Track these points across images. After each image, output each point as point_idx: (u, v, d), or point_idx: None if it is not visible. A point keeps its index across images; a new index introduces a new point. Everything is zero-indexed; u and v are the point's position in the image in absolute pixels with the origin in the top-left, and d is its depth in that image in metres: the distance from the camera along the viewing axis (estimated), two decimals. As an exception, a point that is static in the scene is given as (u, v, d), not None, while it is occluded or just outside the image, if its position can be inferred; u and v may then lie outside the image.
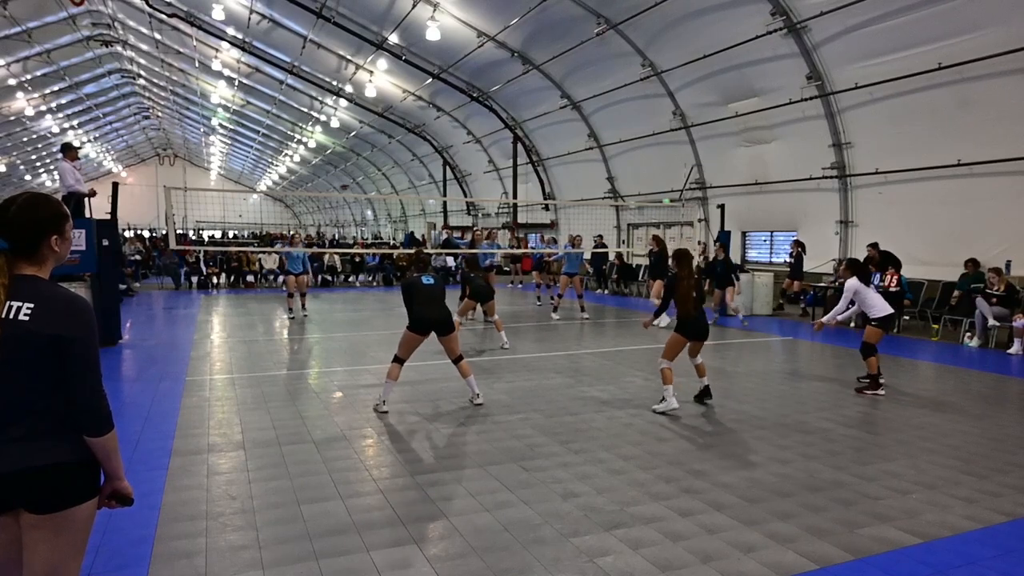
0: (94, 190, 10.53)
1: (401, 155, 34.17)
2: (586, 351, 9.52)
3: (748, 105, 15.31)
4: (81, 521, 2.02)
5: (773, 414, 6.22)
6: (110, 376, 7.90)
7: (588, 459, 4.87)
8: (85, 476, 2.02)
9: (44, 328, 1.91)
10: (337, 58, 23.42)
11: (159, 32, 25.34)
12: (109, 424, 2.02)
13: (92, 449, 2.02)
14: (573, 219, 23.24)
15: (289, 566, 3.28)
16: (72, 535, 2.01)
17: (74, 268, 9.74)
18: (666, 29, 15.23)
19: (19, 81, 25.72)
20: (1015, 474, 4.66)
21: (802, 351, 10.02)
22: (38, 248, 2.01)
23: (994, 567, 3.35)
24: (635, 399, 6.73)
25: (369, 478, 4.48)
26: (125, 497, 2.18)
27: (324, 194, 51.69)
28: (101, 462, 2.07)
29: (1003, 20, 10.36)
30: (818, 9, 12.28)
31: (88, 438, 2.00)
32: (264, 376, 7.77)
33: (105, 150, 47.03)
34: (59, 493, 1.96)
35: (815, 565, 3.32)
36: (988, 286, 10.37)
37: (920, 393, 7.24)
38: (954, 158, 11.66)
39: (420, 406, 6.39)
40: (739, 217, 16.66)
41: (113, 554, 3.41)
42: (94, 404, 1.99)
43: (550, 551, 3.44)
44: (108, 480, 2.13)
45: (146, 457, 4.89)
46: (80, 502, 2.00)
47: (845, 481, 4.48)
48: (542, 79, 19.95)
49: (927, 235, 12.43)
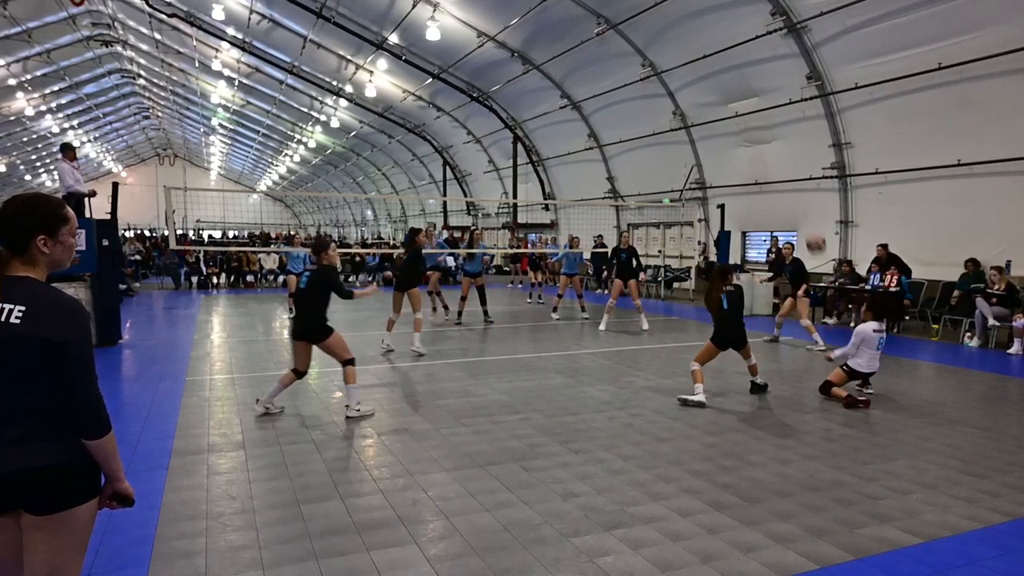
0: (94, 190, 10.53)
1: (401, 155, 34.16)
2: (586, 351, 9.52)
3: (748, 105, 15.30)
4: (81, 522, 2.02)
5: (773, 414, 6.22)
6: (110, 376, 7.90)
7: (588, 459, 4.87)
8: (85, 477, 2.02)
9: (36, 331, 1.89)
10: (337, 58, 23.41)
11: (159, 32, 25.34)
12: (107, 426, 2.01)
13: (91, 451, 2.01)
14: (573, 219, 23.24)
15: (289, 566, 3.28)
16: (72, 536, 2.00)
17: (74, 268, 9.74)
18: (666, 29, 15.22)
19: (19, 81, 25.72)
20: (1015, 474, 4.66)
21: (802, 351, 10.02)
22: (26, 248, 1.99)
23: (994, 567, 3.35)
24: (635, 399, 6.72)
25: (369, 478, 4.48)
26: (126, 498, 2.17)
27: (324, 194, 51.68)
28: (100, 464, 2.06)
29: (1003, 20, 10.36)
30: (818, 9, 12.27)
31: (86, 441, 1.98)
32: (264, 376, 7.77)
33: (105, 150, 47.02)
34: (59, 494, 1.95)
35: (815, 565, 3.32)
36: (989, 285, 10.37)
37: (920, 393, 7.24)
38: (954, 158, 11.66)
39: (420, 406, 6.39)
40: (739, 217, 16.67)
41: (113, 554, 3.41)
42: (90, 406, 1.97)
43: (550, 551, 3.44)
44: (108, 481, 2.13)
45: (146, 457, 4.88)
46: (80, 503, 2.00)
47: (845, 481, 4.48)
48: (542, 79, 19.94)
49: (927, 235, 12.42)
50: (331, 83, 26.12)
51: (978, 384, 7.73)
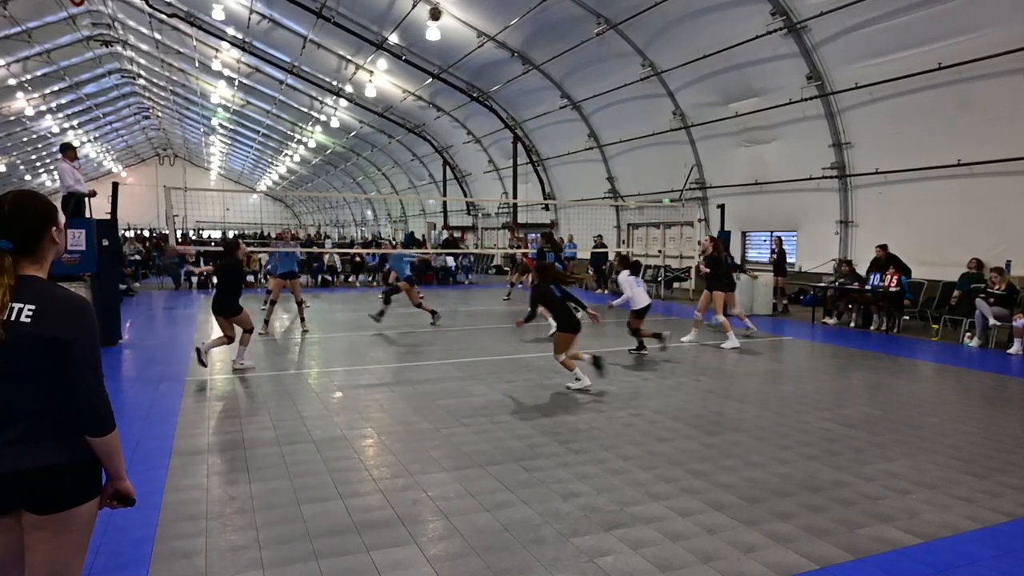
0: (94, 190, 10.53)
1: (401, 155, 34.16)
2: (586, 351, 9.49)
3: (748, 105, 15.30)
4: (83, 522, 2.02)
5: (773, 414, 6.22)
6: (111, 376, 7.90)
7: (588, 459, 4.87)
8: (86, 476, 2.02)
9: (45, 330, 1.90)
10: (337, 58, 23.41)
11: (159, 32, 25.34)
12: (111, 424, 2.02)
13: (94, 449, 2.01)
14: (573, 219, 23.26)
15: (289, 566, 3.28)
16: (74, 535, 2.01)
17: (74, 268, 9.75)
18: (666, 29, 15.22)
19: (19, 81, 25.73)
20: (1015, 474, 4.66)
21: (802, 351, 10.02)
22: (40, 242, 2.00)
23: (994, 567, 3.35)
24: (635, 399, 6.72)
25: (369, 478, 4.48)
26: (127, 497, 2.17)
27: (324, 194, 51.69)
28: (103, 462, 2.06)
29: (1003, 20, 10.36)
30: (818, 9, 12.27)
31: (90, 438, 1.99)
32: (264, 376, 7.78)
33: (105, 150, 47.05)
34: (60, 494, 1.96)
35: (815, 565, 3.32)
36: (989, 285, 10.37)
37: (920, 393, 7.25)
38: (954, 158, 11.66)
39: (420, 406, 6.39)
40: (739, 217, 16.66)
41: (113, 554, 3.41)
42: (94, 404, 1.97)
43: (550, 551, 3.44)
44: (110, 480, 2.13)
45: (146, 457, 4.88)
46: (81, 503, 2.00)
47: (845, 481, 4.47)
48: (542, 79, 19.94)
49: (927, 235, 12.42)
50: (331, 83, 26.12)
51: (978, 384, 7.73)
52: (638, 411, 6.25)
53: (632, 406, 6.44)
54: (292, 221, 62.08)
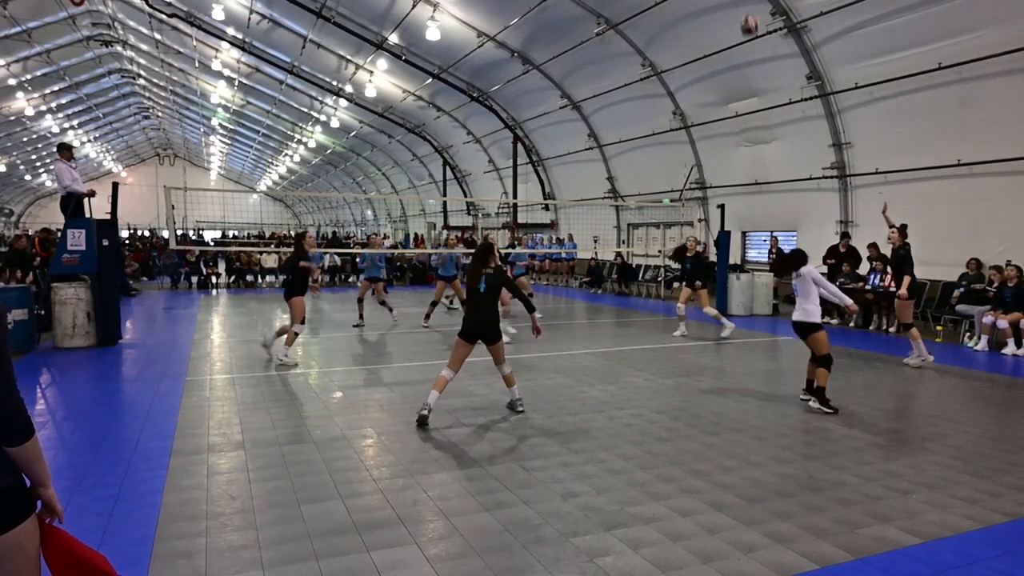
0: (93, 190, 10.50)
1: (401, 155, 34.15)
2: (586, 351, 9.51)
3: (748, 105, 15.30)
4: (21, 545, 1.86)
5: (773, 414, 6.22)
6: (111, 376, 7.91)
7: (588, 459, 4.87)
8: (16, 497, 1.86)
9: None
10: (337, 58, 23.41)
11: (159, 32, 25.33)
12: (28, 431, 1.83)
13: (14, 460, 1.83)
14: (573, 219, 23.25)
15: (289, 566, 3.28)
16: (16, 562, 1.85)
17: (74, 268, 9.74)
18: (666, 29, 15.22)
19: (19, 81, 25.71)
20: (1015, 474, 4.66)
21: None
22: None
23: (994, 567, 3.35)
24: (635, 399, 6.72)
25: (369, 478, 4.48)
26: (51, 508, 1.98)
27: (324, 194, 51.68)
28: (24, 470, 1.88)
29: (1003, 20, 10.36)
30: (818, 9, 12.27)
31: (9, 449, 1.81)
32: (264, 376, 7.78)
33: (105, 150, 47.03)
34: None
35: (815, 565, 3.32)
36: (991, 283, 10.26)
37: (920, 393, 7.25)
38: (954, 158, 11.66)
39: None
40: (739, 217, 16.65)
41: (113, 554, 3.39)
42: (7, 410, 1.78)
43: (550, 551, 3.44)
44: (33, 487, 1.94)
45: (146, 457, 4.89)
46: (14, 525, 1.84)
47: (845, 481, 4.47)
48: (542, 79, 19.94)
49: (927, 235, 12.38)
50: (331, 83, 26.11)
51: (978, 384, 7.73)
52: (638, 411, 6.25)
53: (632, 406, 6.44)
54: (292, 221, 62.13)
